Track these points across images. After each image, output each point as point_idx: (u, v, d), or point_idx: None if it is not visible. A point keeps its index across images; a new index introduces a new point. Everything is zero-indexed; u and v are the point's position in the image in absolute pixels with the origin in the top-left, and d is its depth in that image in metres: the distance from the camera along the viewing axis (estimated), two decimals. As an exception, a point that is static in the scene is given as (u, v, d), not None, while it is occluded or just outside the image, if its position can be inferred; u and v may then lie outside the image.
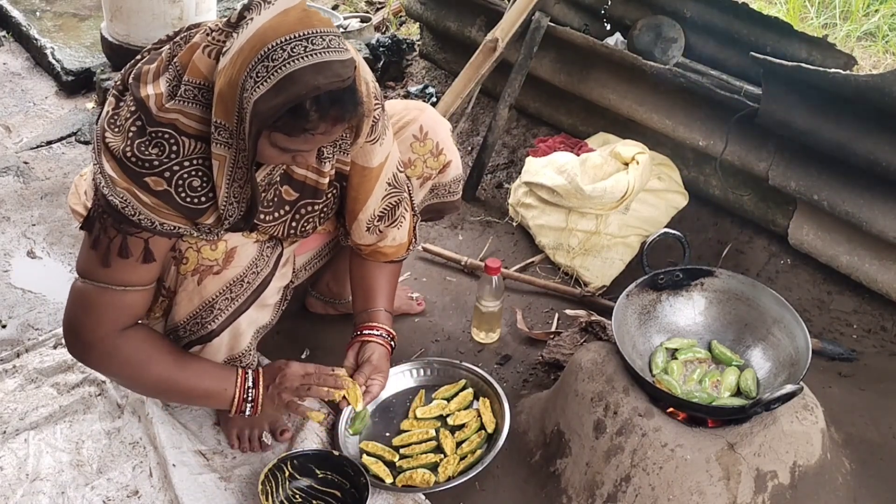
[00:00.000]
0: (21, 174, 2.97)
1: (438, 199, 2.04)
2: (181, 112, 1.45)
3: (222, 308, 1.64)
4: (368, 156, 1.72)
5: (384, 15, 4.06)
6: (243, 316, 1.68)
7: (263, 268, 1.68)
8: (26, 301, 2.38)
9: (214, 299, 1.63)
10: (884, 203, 2.14)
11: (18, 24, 3.93)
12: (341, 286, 2.23)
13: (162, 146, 1.45)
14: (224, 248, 1.60)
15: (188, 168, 1.47)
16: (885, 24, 3.61)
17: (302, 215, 1.70)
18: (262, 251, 1.67)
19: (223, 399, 1.69)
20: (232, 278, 1.63)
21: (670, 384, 1.75)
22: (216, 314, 1.64)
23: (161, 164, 1.45)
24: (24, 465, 1.84)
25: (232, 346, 1.72)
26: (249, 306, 1.68)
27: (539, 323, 2.34)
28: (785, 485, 1.62)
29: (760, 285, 1.86)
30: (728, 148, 2.44)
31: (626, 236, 2.48)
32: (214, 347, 1.70)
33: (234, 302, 1.65)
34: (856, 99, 2.05)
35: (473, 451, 1.86)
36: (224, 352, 1.72)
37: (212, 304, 1.63)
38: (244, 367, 1.75)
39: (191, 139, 1.46)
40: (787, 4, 3.79)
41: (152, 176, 1.45)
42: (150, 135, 1.44)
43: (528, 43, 2.76)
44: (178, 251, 1.58)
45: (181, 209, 1.49)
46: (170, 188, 1.46)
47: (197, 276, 1.60)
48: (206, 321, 1.64)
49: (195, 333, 1.66)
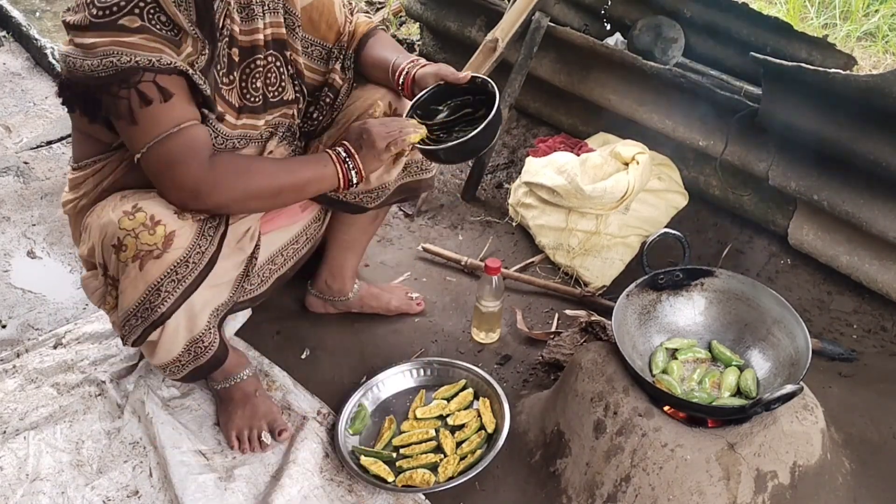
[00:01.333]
0: (21, 174, 2.97)
1: (412, 178, 2.05)
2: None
3: (169, 290, 1.64)
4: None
5: (384, 15, 4.06)
6: (195, 296, 1.68)
7: (207, 247, 1.67)
8: (26, 301, 2.38)
9: (160, 282, 1.62)
10: (884, 203, 2.14)
11: (18, 24, 3.93)
12: (340, 283, 2.23)
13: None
14: (163, 232, 1.60)
15: (150, 4, 1.50)
16: (885, 24, 3.62)
17: (248, 74, 1.74)
18: (203, 231, 1.67)
19: (330, 177, 1.72)
20: (174, 261, 1.63)
21: (670, 384, 1.75)
22: (164, 297, 1.64)
23: (127, 2, 1.48)
24: (24, 465, 1.84)
25: (190, 327, 1.73)
26: (198, 286, 1.68)
27: (539, 323, 2.34)
28: (785, 485, 1.62)
29: (760, 285, 1.86)
30: (728, 148, 2.44)
31: (626, 236, 2.48)
32: (171, 329, 1.69)
33: (181, 284, 1.65)
34: (856, 99, 2.05)
35: (473, 451, 1.86)
36: (183, 334, 1.72)
37: (157, 288, 1.63)
38: (207, 351, 1.79)
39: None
40: (787, 4, 3.79)
41: (125, 16, 1.48)
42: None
43: (528, 43, 2.76)
44: (116, 240, 1.59)
45: (162, 37, 1.52)
46: (144, 22, 1.50)
47: (138, 262, 1.60)
48: (155, 304, 1.64)
49: (147, 319, 1.65)
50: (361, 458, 1.85)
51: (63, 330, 2.22)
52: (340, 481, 1.83)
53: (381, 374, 2.06)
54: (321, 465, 1.85)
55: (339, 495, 1.80)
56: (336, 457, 1.88)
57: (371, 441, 1.93)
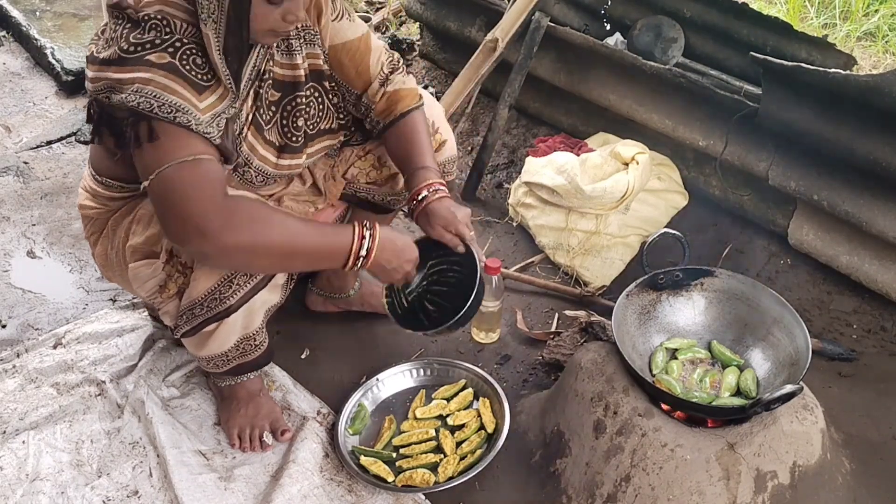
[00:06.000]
0: (21, 174, 2.97)
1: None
2: (163, 2, 1.47)
3: (240, 284, 1.64)
4: (343, 32, 1.76)
5: (384, 15, 4.06)
6: (258, 295, 1.69)
7: None
8: (26, 301, 2.38)
9: (233, 274, 1.63)
10: (884, 203, 2.14)
11: (18, 24, 3.93)
12: (342, 279, 2.24)
13: (158, 28, 1.46)
14: None
15: (187, 46, 1.47)
16: (885, 24, 3.62)
17: (289, 112, 1.72)
18: None
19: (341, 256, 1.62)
20: None
21: (670, 384, 1.75)
22: (234, 289, 1.64)
23: (162, 41, 1.45)
24: (24, 465, 1.84)
25: (246, 324, 1.73)
26: (267, 283, 1.68)
27: (539, 323, 2.34)
28: (785, 485, 1.62)
29: (760, 285, 1.86)
30: (728, 148, 2.44)
31: (626, 236, 2.48)
32: (229, 326, 1.69)
33: (252, 278, 1.65)
34: (856, 99, 2.05)
35: (473, 451, 1.86)
36: (238, 331, 1.73)
37: (230, 279, 1.63)
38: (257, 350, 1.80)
39: (181, 23, 1.47)
40: (787, 4, 3.79)
41: (155, 52, 1.45)
42: (142, 22, 1.46)
43: (528, 43, 2.76)
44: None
45: (188, 80, 1.46)
46: (174, 60, 1.46)
47: None
48: (225, 296, 1.64)
49: (213, 310, 1.65)
50: (361, 458, 1.85)
51: (63, 330, 2.22)
52: (340, 481, 1.83)
53: (381, 373, 2.06)
54: (321, 465, 1.85)
55: (338, 495, 1.80)
56: (336, 457, 1.88)
57: (371, 441, 1.93)
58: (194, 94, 1.47)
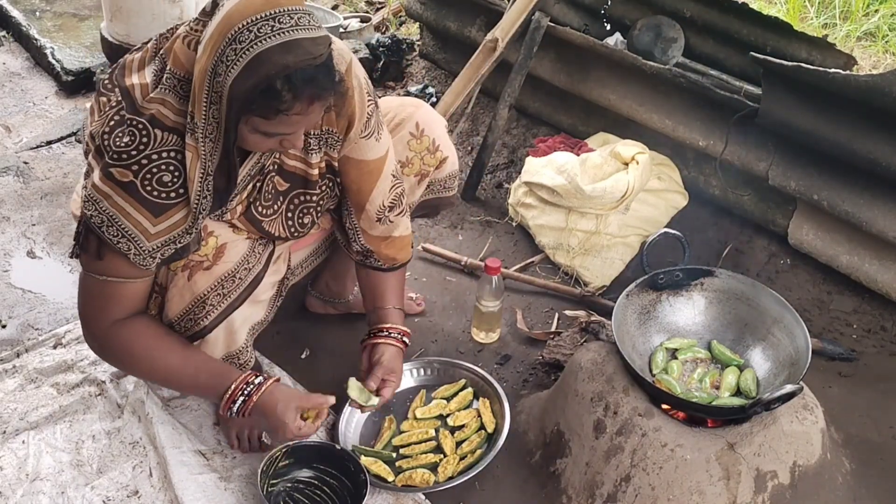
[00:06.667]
0: (21, 174, 2.97)
1: (434, 195, 2.04)
2: (162, 102, 1.44)
3: (214, 304, 1.64)
4: (364, 150, 1.72)
5: (384, 15, 4.06)
6: (237, 312, 1.68)
7: (255, 264, 1.68)
8: (26, 301, 2.37)
9: (206, 295, 1.62)
10: (884, 203, 2.14)
11: (18, 24, 3.93)
12: (341, 285, 2.23)
13: (133, 135, 1.42)
14: (214, 244, 1.60)
15: (157, 162, 1.44)
16: (885, 24, 3.61)
17: (296, 205, 1.70)
18: (254, 248, 1.67)
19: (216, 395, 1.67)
20: (223, 274, 1.63)
21: (670, 384, 1.75)
22: (208, 310, 1.64)
23: (129, 156, 1.42)
24: (24, 465, 1.84)
25: (228, 343, 1.72)
26: (242, 303, 1.68)
27: (539, 323, 2.34)
28: (785, 485, 1.62)
29: (760, 285, 1.86)
30: (728, 148, 2.44)
31: (626, 236, 2.48)
32: (210, 344, 1.70)
33: (226, 298, 1.65)
34: (856, 99, 2.05)
35: (473, 451, 1.86)
36: (221, 349, 1.72)
37: (203, 300, 1.63)
38: (242, 369, 1.76)
39: (164, 132, 1.44)
40: (787, 4, 3.79)
41: (118, 167, 1.43)
42: (126, 122, 1.43)
43: (528, 43, 2.76)
44: None
45: (145, 203, 1.44)
46: (135, 180, 1.43)
47: (187, 272, 1.60)
48: (199, 317, 1.64)
49: (189, 330, 1.66)
50: (361, 458, 1.85)
51: (63, 330, 2.22)
52: (340, 481, 1.83)
53: (381, 374, 2.06)
54: (321, 465, 1.85)
55: (339, 495, 1.80)
56: (336, 457, 1.88)
57: (371, 441, 1.93)
58: (149, 218, 1.46)
